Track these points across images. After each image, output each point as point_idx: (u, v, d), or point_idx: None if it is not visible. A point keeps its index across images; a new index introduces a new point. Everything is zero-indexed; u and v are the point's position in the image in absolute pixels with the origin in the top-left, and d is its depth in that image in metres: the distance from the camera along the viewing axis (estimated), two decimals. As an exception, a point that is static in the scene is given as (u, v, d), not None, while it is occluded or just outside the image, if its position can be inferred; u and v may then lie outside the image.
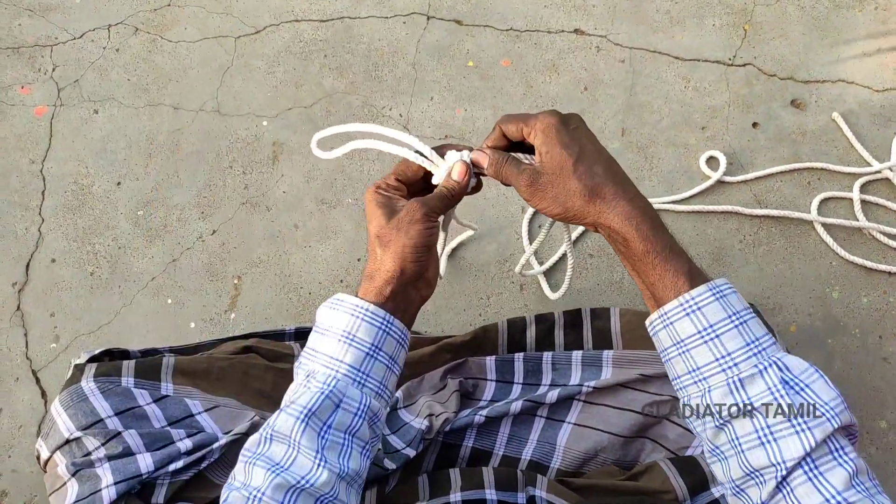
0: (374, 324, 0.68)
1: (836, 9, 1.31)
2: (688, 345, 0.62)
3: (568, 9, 1.31)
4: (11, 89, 1.27)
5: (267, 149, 1.24)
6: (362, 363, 0.68)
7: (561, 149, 0.66)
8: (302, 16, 1.31)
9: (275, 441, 0.65)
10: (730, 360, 0.61)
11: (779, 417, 0.58)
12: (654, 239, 0.64)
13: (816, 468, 0.57)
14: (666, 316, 0.63)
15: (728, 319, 0.61)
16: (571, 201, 0.66)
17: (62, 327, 1.15)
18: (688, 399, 0.64)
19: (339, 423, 0.66)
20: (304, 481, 0.62)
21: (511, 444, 0.98)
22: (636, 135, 1.24)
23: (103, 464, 0.82)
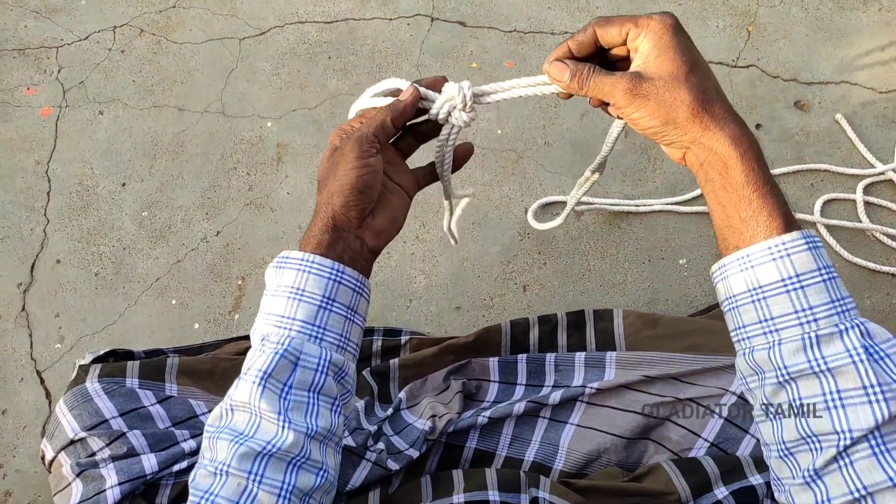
0: (321, 275, 0.64)
1: (840, 10, 1.30)
2: (766, 292, 0.56)
3: (572, 10, 1.32)
4: (17, 90, 1.28)
5: (271, 150, 1.24)
6: (316, 317, 0.64)
7: (675, 54, 0.57)
8: (306, 17, 1.32)
9: (235, 411, 0.62)
10: (810, 313, 0.55)
11: (853, 382, 0.53)
12: (757, 169, 0.57)
13: (884, 444, 0.52)
14: (748, 258, 0.57)
15: (817, 272, 0.55)
16: (677, 112, 0.58)
17: (67, 328, 1.15)
18: (749, 351, 0.58)
19: (299, 381, 0.63)
20: (269, 446, 0.60)
21: (514, 445, 0.98)
22: (639, 136, 1.24)
23: (108, 464, 0.82)
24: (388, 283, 1.18)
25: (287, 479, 0.60)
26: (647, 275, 1.18)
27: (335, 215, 0.65)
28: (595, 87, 0.61)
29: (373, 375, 1.06)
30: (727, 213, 0.58)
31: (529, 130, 1.25)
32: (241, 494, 0.58)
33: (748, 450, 0.87)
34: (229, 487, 0.59)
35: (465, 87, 0.65)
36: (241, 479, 0.59)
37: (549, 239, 1.20)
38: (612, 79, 0.59)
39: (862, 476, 0.52)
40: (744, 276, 0.57)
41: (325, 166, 0.65)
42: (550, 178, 1.22)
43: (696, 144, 0.58)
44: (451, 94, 0.66)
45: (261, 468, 0.60)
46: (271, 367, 0.61)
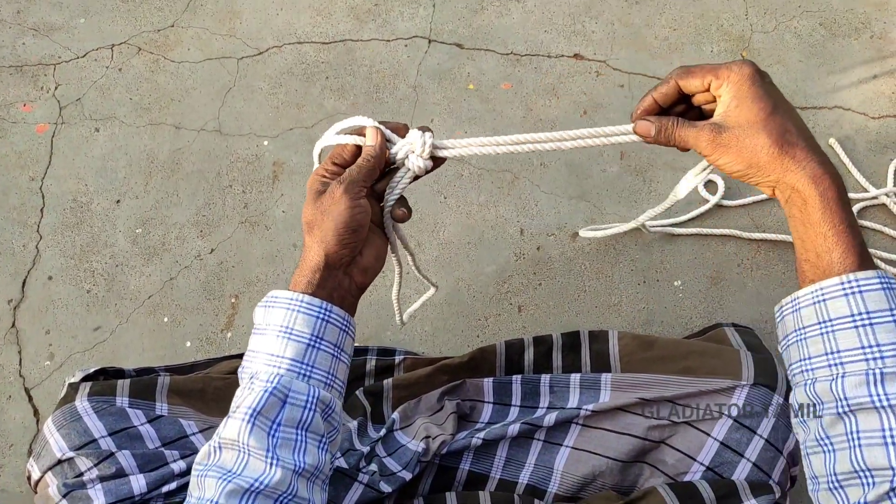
0: (310, 314, 0.66)
1: (833, 37, 1.32)
2: (835, 325, 0.58)
3: (568, 34, 1.33)
4: (13, 107, 1.28)
5: (267, 168, 1.24)
6: (305, 355, 0.66)
7: (752, 102, 0.62)
8: (305, 38, 1.32)
9: (224, 449, 0.63)
10: (877, 350, 0.56)
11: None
12: (835, 208, 0.59)
13: None
14: (821, 291, 0.58)
15: (889, 312, 0.57)
16: (758, 157, 0.61)
17: (57, 345, 1.14)
18: (812, 382, 0.59)
19: (288, 419, 0.64)
20: (257, 483, 0.60)
21: (508, 467, 0.97)
22: (635, 158, 1.25)
23: (95, 485, 0.80)
24: (383, 302, 1.17)
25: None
26: (643, 296, 1.18)
27: (328, 254, 0.67)
28: (680, 139, 0.65)
29: (366, 395, 1.05)
30: (805, 248, 0.61)
31: (525, 152, 1.25)
32: None
33: (744, 473, 0.86)
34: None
35: (428, 136, 0.69)
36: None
37: (545, 260, 1.20)
38: (695, 131, 0.63)
39: None
40: (815, 308, 0.59)
41: (312, 209, 0.67)
42: (546, 198, 1.23)
43: (781, 183, 0.61)
44: (412, 140, 0.69)
45: None
46: (260, 404, 0.62)
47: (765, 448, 0.86)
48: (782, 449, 0.87)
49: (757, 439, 0.87)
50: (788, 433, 0.89)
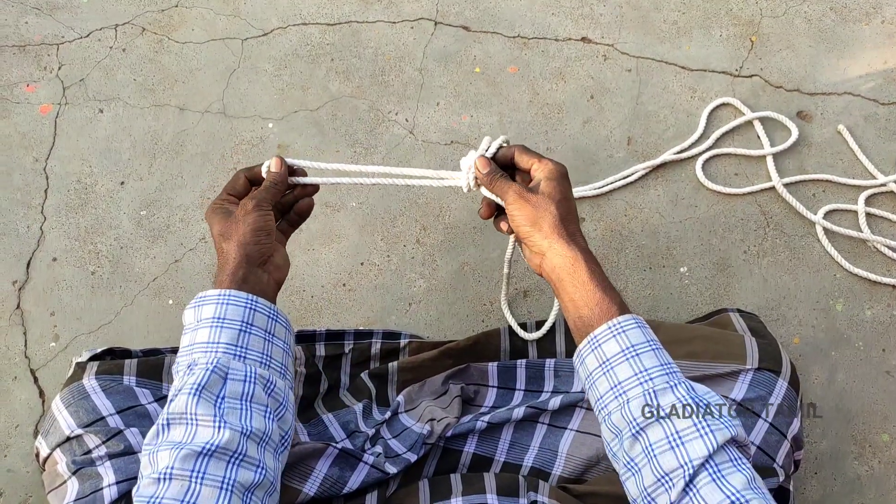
0: (238, 304, 0.74)
1: (843, 22, 1.31)
2: (612, 363, 0.70)
3: (576, 17, 1.32)
4: (17, 87, 1.27)
5: (272, 151, 1.23)
6: (238, 339, 0.73)
7: (555, 186, 0.78)
8: (310, 19, 1.31)
9: (172, 425, 0.68)
10: (646, 374, 0.69)
11: (686, 423, 0.66)
12: (597, 270, 0.75)
13: (719, 471, 0.64)
14: (595, 339, 0.72)
15: (647, 343, 0.71)
16: (544, 219, 0.77)
17: (62, 326, 1.14)
18: (608, 416, 0.71)
19: (231, 392, 0.69)
20: (209, 445, 0.65)
21: (512, 450, 0.97)
22: (642, 144, 1.24)
23: (104, 462, 0.81)
24: (388, 286, 1.17)
25: (227, 475, 0.65)
26: (648, 282, 1.18)
27: (248, 253, 0.77)
28: (498, 187, 0.81)
29: (371, 378, 1.05)
30: (577, 306, 0.74)
31: (532, 136, 1.25)
32: (185, 493, 0.63)
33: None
34: (173, 489, 0.63)
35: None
36: (184, 479, 0.63)
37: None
38: (509, 184, 0.80)
39: (707, 500, 0.63)
40: (595, 354, 0.72)
41: (225, 224, 0.79)
42: (552, 183, 1.22)
43: (552, 250, 0.76)
44: None
45: (202, 466, 0.64)
46: (204, 381, 0.68)
47: (769, 432, 0.87)
48: (786, 433, 0.88)
49: (761, 423, 0.87)
50: (792, 417, 0.89)
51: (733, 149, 1.24)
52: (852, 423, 1.11)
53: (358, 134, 1.25)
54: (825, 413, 1.12)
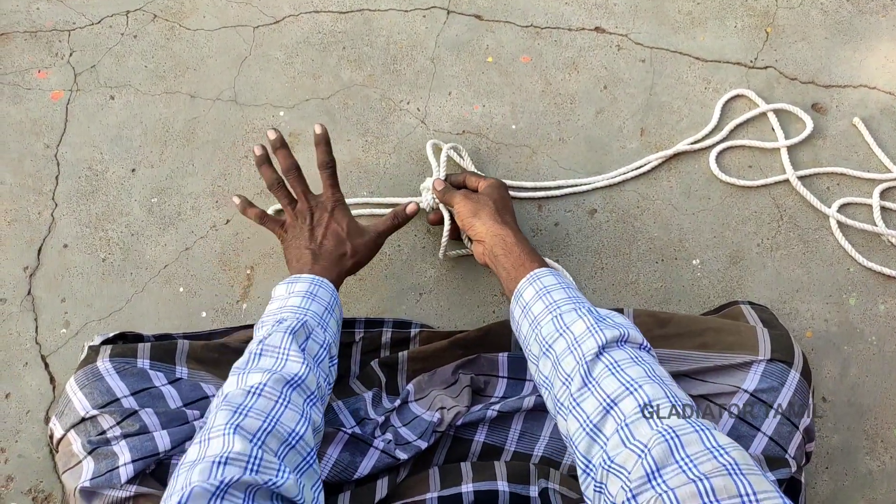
0: (327, 289, 0.92)
1: (860, 14, 1.29)
2: (530, 305, 0.85)
3: (589, 6, 1.31)
4: (28, 73, 1.26)
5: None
6: (323, 314, 0.89)
7: (494, 190, 1.03)
8: (322, 7, 1.31)
9: (264, 355, 0.79)
10: (554, 304, 0.82)
11: (581, 327, 0.78)
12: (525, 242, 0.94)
13: (618, 365, 0.73)
14: (518, 291, 0.88)
15: (557, 284, 0.85)
16: (483, 211, 0.99)
17: (73, 313, 1.14)
18: (529, 350, 0.84)
19: (309, 348, 0.83)
20: (296, 378, 0.76)
21: (523, 440, 0.97)
22: (655, 135, 1.23)
23: (119, 441, 0.81)
24: (399, 276, 1.17)
25: (305, 409, 0.75)
26: (660, 275, 1.17)
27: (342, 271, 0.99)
28: (450, 196, 1.05)
29: (381, 366, 1.05)
30: (508, 271, 0.91)
31: (544, 126, 1.24)
32: (271, 410, 0.72)
33: (760, 447, 0.87)
34: (261, 403, 0.72)
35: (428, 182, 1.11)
36: (271, 399, 0.73)
37: (562, 236, 1.19)
38: (458, 193, 1.04)
39: (605, 389, 0.71)
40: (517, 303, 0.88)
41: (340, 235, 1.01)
42: (564, 174, 1.21)
43: (488, 233, 0.96)
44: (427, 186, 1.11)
45: (289, 393, 0.75)
46: (296, 328, 0.82)
47: (781, 422, 0.87)
48: (798, 424, 0.88)
49: (773, 414, 0.87)
50: (804, 409, 0.89)
51: (747, 141, 1.23)
52: (864, 417, 1.11)
53: (369, 123, 1.24)
54: (837, 408, 1.11)
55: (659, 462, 0.62)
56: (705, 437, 0.63)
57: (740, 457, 0.61)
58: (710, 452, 0.61)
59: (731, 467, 0.59)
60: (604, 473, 0.67)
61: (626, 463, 0.65)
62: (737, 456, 0.61)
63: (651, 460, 0.62)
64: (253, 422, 0.69)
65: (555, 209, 1.20)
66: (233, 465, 0.64)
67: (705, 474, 0.59)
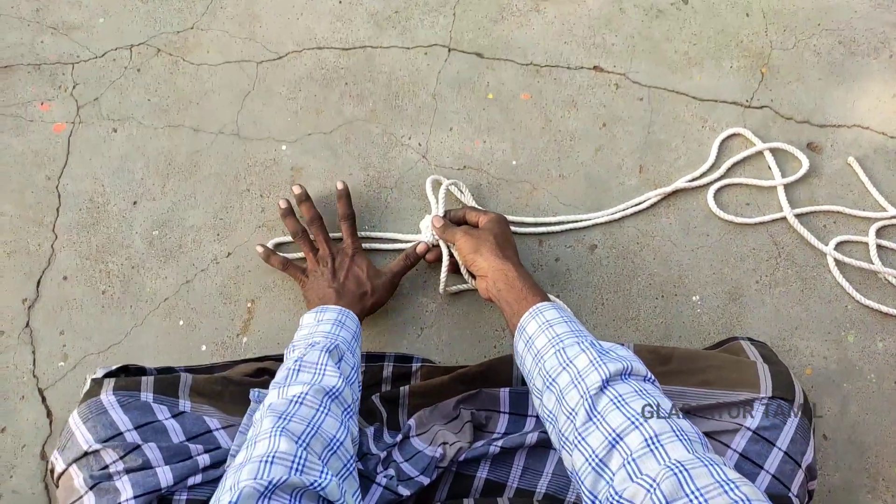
0: (353, 320, 0.99)
1: (851, 56, 1.32)
2: (533, 339, 0.86)
3: (588, 46, 1.33)
4: (31, 105, 1.27)
5: (285, 173, 1.23)
6: (351, 340, 0.94)
7: (495, 225, 1.04)
8: (325, 43, 1.32)
9: (302, 370, 0.84)
10: (557, 339, 0.83)
11: (584, 361, 0.78)
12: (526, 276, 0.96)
13: (623, 399, 0.73)
14: (521, 325, 0.89)
15: (560, 318, 0.86)
16: (484, 247, 1.00)
17: (71, 346, 1.13)
18: (533, 384, 0.85)
19: (343, 369, 0.87)
20: (334, 390, 0.81)
21: (525, 476, 0.97)
22: (654, 172, 1.25)
23: (122, 476, 0.80)
24: (400, 310, 1.17)
25: (343, 419, 0.80)
26: (660, 311, 1.18)
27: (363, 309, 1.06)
28: (450, 233, 1.07)
29: (382, 401, 1.04)
30: (510, 305, 0.93)
31: (544, 162, 1.25)
32: (313, 417, 0.76)
33: (763, 485, 0.87)
34: (303, 412, 0.76)
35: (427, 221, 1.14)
36: (313, 407, 0.78)
37: (563, 271, 1.19)
38: (456, 230, 1.06)
39: (611, 423, 0.71)
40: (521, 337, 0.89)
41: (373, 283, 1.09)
42: (565, 210, 1.22)
43: (490, 268, 0.97)
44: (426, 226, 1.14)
45: (328, 403, 0.80)
46: (331, 346, 0.88)
47: (783, 461, 0.87)
48: (801, 462, 0.88)
49: (776, 451, 0.87)
50: (806, 446, 0.89)
51: (744, 179, 1.24)
52: (865, 455, 1.11)
53: (371, 157, 1.25)
54: (838, 445, 1.12)
55: (668, 496, 0.62)
56: (714, 471, 0.64)
57: (751, 492, 0.61)
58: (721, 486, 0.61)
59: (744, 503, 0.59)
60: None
61: (635, 498, 0.65)
62: (748, 492, 0.61)
63: (660, 495, 0.62)
64: (297, 426, 0.74)
65: (555, 245, 1.21)
66: (279, 464, 0.67)
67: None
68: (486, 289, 0.99)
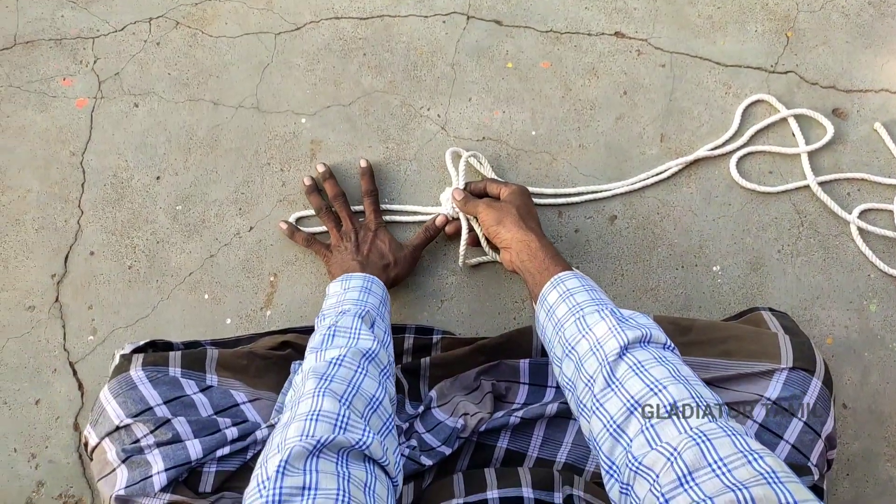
0: (379, 286, 1.01)
1: (882, 17, 1.29)
2: (554, 307, 0.86)
3: (609, 11, 1.31)
4: (53, 81, 1.28)
5: (305, 146, 1.24)
6: (379, 305, 0.96)
7: (517, 196, 1.04)
8: (342, 13, 1.31)
9: (337, 335, 0.86)
10: (578, 307, 0.84)
11: (603, 328, 0.79)
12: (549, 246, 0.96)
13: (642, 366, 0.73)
14: (543, 294, 0.89)
15: (581, 286, 0.86)
16: (507, 218, 1.00)
17: (100, 320, 1.16)
18: (553, 352, 0.86)
19: (376, 333, 0.90)
20: (370, 352, 0.84)
21: (546, 446, 0.98)
22: (675, 141, 1.24)
23: (153, 450, 0.83)
24: (420, 283, 1.18)
25: (381, 379, 0.82)
26: (680, 281, 1.18)
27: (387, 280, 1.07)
28: (472, 205, 1.07)
29: (403, 373, 1.06)
30: (533, 275, 0.93)
31: (564, 133, 1.24)
32: (352, 378, 0.79)
33: (783, 456, 0.87)
34: (343, 372, 0.79)
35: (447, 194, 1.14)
36: (351, 368, 0.80)
37: (582, 242, 1.19)
38: (478, 202, 1.06)
39: (629, 390, 0.72)
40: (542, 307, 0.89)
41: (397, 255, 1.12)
42: (584, 180, 1.22)
43: (513, 239, 0.98)
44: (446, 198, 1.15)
45: (366, 364, 0.82)
46: (363, 312, 0.91)
47: (803, 431, 0.87)
48: (820, 432, 0.88)
49: (796, 422, 0.87)
50: (826, 416, 0.89)
51: (768, 146, 1.23)
52: (885, 424, 1.11)
53: (390, 129, 1.25)
54: (858, 414, 1.12)
55: (691, 466, 0.62)
56: (737, 440, 0.64)
57: (776, 464, 0.61)
58: (745, 456, 0.62)
59: (769, 476, 0.59)
60: (630, 474, 0.67)
61: (655, 465, 0.65)
62: (772, 463, 0.61)
63: (682, 464, 0.63)
64: (339, 385, 0.76)
65: (575, 216, 1.21)
66: (323, 421, 0.70)
67: (742, 482, 0.59)
68: (510, 260, 0.99)
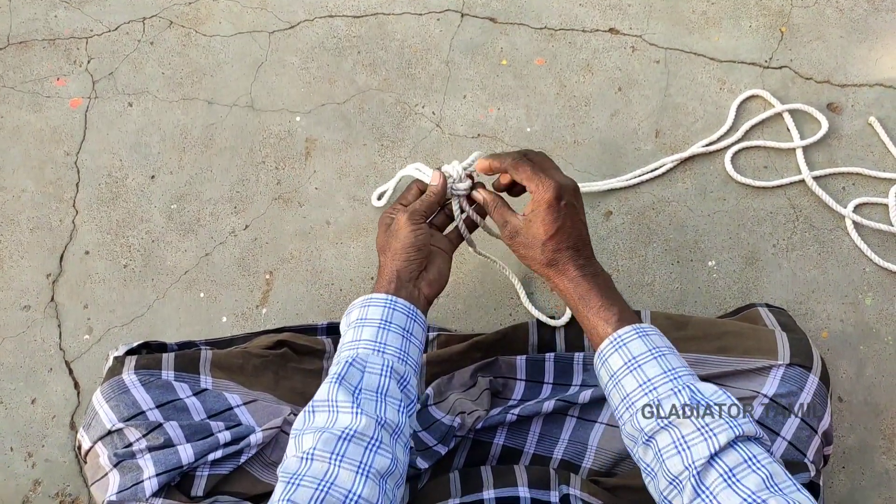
0: (379, 305, 0.82)
1: (875, 12, 1.29)
2: (618, 377, 0.75)
3: (603, 7, 1.31)
4: (47, 81, 1.28)
5: (300, 145, 1.24)
6: (377, 335, 0.80)
7: (540, 225, 0.82)
8: (336, 11, 1.31)
9: (316, 412, 0.74)
10: (650, 384, 0.73)
11: (690, 427, 0.69)
12: (588, 298, 0.81)
13: (733, 475, 0.66)
14: (602, 354, 0.77)
15: (648, 352, 0.74)
16: (533, 264, 0.85)
17: (95, 319, 1.16)
18: (623, 426, 0.76)
19: (367, 384, 0.75)
20: (348, 430, 0.70)
21: (542, 443, 0.98)
22: (670, 136, 1.24)
23: (144, 455, 0.83)
24: (416, 279, 1.18)
25: (365, 459, 0.70)
26: (676, 276, 1.18)
27: (399, 270, 0.85)
28: (497, 213, 0.88)
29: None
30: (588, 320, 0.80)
31: (559, 129, 1.24)
32: (325, 474, 0.67)
33: (779, 452, 0.87)
34: (315, 469, 0.68)
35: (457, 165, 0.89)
36: (324, 461, 0.68)
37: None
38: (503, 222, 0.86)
39: (722, 502, 0.65)
40: (604, 368, 0.77)
41: (383, 237, 0.88)
42: (579, 176, 1.22)
43: (549, 281, 0.84)
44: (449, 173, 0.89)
45: (342, 449, 0.69)
46: (344, 372, 0.75)
47: (800, 427, 0.87)
48: (817, 428, 0.88)
49: (792, 418, 0.87)
50: (823, 412, 0.89)
51: (762, 141, 1.23)
52: (881, 417, 1.11)
53: (385, 127, 1.25)
54: (853, 407, 1.12)
55: None
56: None
57: None
58: None
59: None
60: None
61: None
62: None
63: None
64: (305, 491, 0.66)
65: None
66: None
67: None
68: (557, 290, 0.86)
